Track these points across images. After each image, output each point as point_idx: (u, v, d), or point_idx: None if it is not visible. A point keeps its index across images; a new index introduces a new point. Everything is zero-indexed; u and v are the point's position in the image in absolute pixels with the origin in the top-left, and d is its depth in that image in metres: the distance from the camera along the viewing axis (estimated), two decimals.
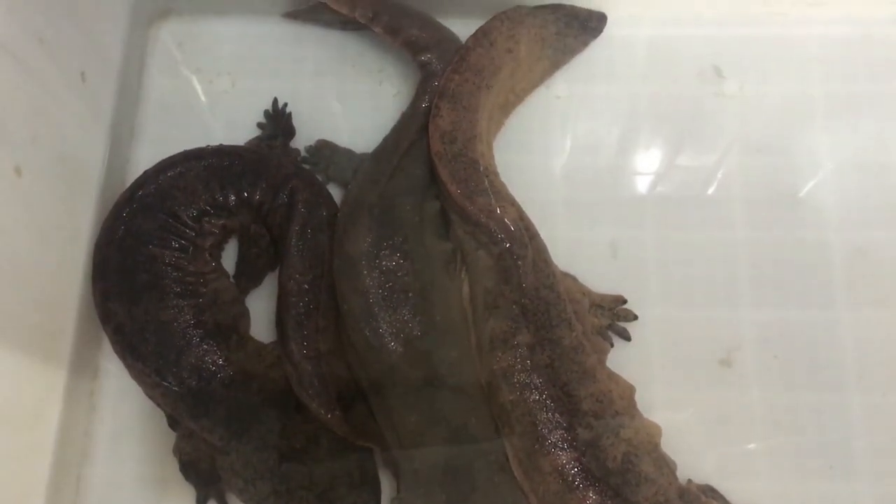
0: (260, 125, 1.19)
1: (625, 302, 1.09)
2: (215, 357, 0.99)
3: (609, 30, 1.22)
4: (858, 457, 1.04)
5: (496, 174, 1.08)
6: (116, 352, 1.01)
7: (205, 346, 0.99)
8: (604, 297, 1.08)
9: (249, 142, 1.17)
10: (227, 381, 0.99)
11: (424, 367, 0.98)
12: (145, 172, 1.08)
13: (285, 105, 1.20)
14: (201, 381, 0.98)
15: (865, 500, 1.03)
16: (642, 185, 1.17)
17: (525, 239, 1.00)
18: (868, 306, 1.10)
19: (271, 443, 0.97)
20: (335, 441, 0.98)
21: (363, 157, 1.13)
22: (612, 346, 1.06)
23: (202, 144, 1.11)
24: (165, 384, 0.98)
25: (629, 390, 0.99)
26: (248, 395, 0.99)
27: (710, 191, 1.16)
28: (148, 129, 1.21)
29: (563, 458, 0.91)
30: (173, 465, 1.03)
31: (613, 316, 1.08)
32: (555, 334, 0.97)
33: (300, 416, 0.99)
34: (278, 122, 1.19)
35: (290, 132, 1.18)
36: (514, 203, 1.05)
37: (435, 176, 1.05)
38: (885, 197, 1.14)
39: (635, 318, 1.08)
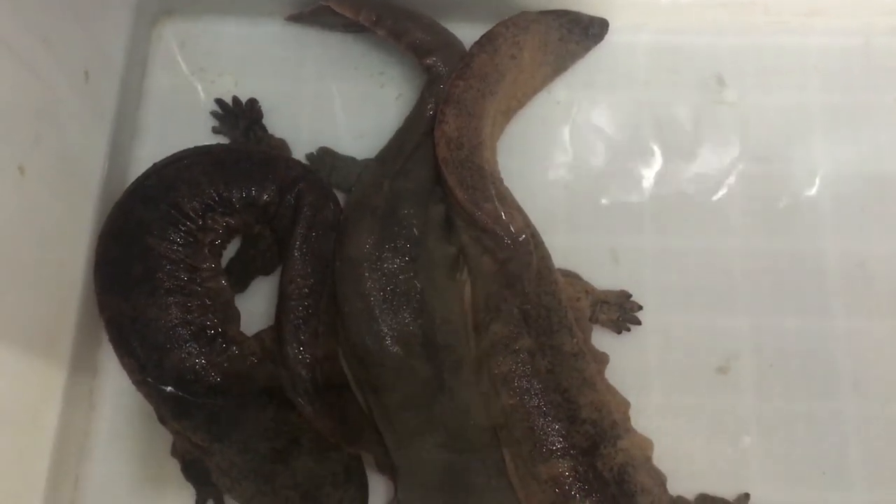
0: (216, 129, 1.19)
1: (630, 296, 1.10)
2: (198, 361, 0.97)
3: (611, 36, 1.22)
4: (852, 465, 1.05)
5: (501, 180, 1.08)
6: (111, 343, 1.01)
7: (188, 350, 0.97)
8: (608, 293, 1.09)
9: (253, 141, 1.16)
10: (208, 386, 0.97)
11: (424, 371, 0.98)
12: (154, 164, 1.07)
13: (236, 98, 1.20)
14: (183, 383, 0.97)
15: None
16: (642, 191, 1.17)
17: (531, 246, 1.01)
18: (864, 315, 1.10)
19: (253, 445, 0.96)
20: (318, 441, 0.98)
21: (365, 163, 1.13)
22: (609, 360, 1.05)
23: (204, 144, 1.11)
24: (149, 382, 0.98)
25: (624, 405, 1.00)
26: (230, 399, 0.97)
27: (710, 198, 1.16)
28: (150, 128, 1.21)
29: (561, 465, 0.92)
30: (172, 464, 1.04)
31: (621, 309, 1.09)
32: (556, 340, 0.97)
33: (282, 416, 0.98)
34: (239, 112, 1.18)
35: (256, 116, 1.18)
36: (519, 209, 1.05)
37: (441, 181, 1.05)
38: (883, 206, 1.15)
39: (640, 308, 1.09)
